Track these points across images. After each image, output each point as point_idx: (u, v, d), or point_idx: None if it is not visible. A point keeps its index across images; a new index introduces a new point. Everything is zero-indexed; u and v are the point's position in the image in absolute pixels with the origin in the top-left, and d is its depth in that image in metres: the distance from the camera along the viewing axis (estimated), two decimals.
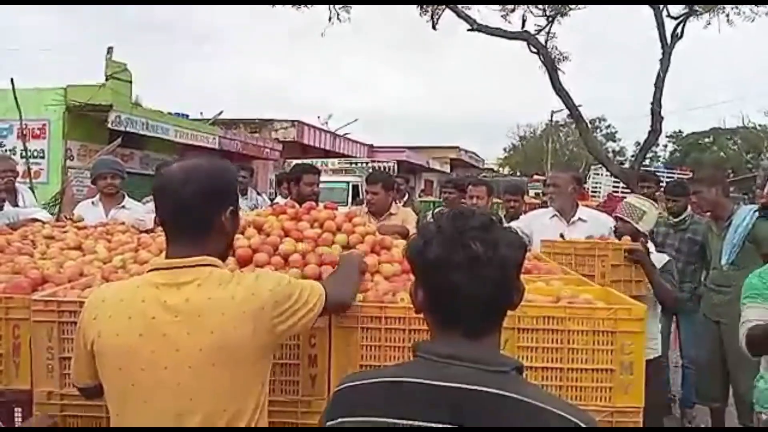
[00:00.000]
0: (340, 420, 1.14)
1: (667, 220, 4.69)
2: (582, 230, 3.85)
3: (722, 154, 39.05)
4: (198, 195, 1.46)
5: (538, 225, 4.01)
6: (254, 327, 1.42)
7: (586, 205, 4.78)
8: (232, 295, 1.42)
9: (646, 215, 3.32)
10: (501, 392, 1.06)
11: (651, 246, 3.38)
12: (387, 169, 13.14)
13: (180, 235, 1.48)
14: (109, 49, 10.10)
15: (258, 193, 7.08)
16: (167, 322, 1.39)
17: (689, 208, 4.59)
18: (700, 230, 4.49)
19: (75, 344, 1.52)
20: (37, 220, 3.43)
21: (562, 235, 3.54)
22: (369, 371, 1.28)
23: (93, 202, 4.32)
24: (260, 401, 1.48)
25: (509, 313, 1.20)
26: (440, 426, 1.05)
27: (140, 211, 4.01)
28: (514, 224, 3.94)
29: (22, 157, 8.95)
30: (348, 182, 13.52)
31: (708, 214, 4.30)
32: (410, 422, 1.06)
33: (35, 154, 9.93)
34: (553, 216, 4.03)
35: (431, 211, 6.74)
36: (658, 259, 3.30)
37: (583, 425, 1.05)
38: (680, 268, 4.46)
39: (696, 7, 11.64)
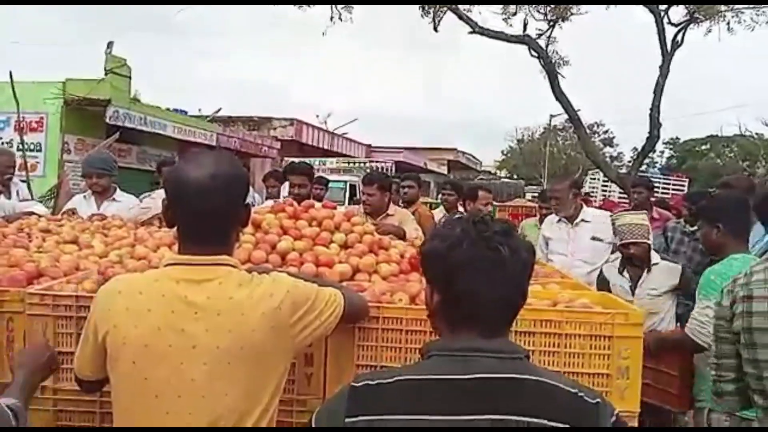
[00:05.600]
0: (361, 418, 1.13)
1: (684, 227, 4.62)
2: (586, 230, 4.16)
3: (719, 161, 39.08)
4: (225, 195, 1.44)
5: (549, 227, 4.42)
6: (272, 328, 1.42)
7: None
8: (251, 296, 1.42)
9: (649, 226, 3.36)
10: (523, 376, 1.14)
11: (656, 256, 3.39)
12: (384, 170, 13.15)
13: (202, 232, 1.45)
14: (109, 44, 10.10)
15: (256, 191, 7.07)
16: (186, 318, 1.38)
17: None
18: None
19: (83, 335, 1.50)
20: (33, 213, 3.41)
21: None
22: (383, 371, 1.27)
23: (85, 197, 4.31)
24: (270, 404, 1.46)
25: None
26: (476, 417, 1.10)
27: (132, 203, 4.04)
28: (544, 232, 4.40)
29: (18, 150, 8.89)
30: (346, 182, 13.57)
31: None
32: (441, 417, 1.09)
33: (32, 147, 9.90)
34: (559, 220, 4.30)
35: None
36: (669, 268, 3.34)
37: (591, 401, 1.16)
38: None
39: (697, 15, 11.68)
